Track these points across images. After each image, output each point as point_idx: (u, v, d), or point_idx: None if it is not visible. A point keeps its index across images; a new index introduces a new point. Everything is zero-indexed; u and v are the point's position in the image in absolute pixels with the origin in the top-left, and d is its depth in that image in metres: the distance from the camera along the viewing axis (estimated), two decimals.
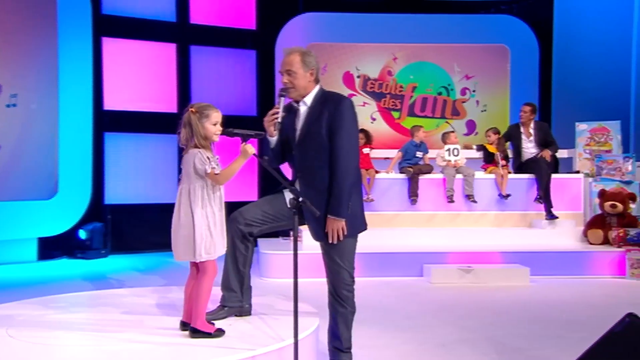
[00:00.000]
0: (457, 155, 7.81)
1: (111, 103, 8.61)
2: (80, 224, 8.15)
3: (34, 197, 7.74)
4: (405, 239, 7.30)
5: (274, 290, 5.84)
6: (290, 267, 2.91)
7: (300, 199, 2.74)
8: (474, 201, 7.62)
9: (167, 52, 9.02)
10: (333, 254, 3.17)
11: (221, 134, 2.99)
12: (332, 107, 3.12)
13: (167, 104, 8.86)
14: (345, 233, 3.12)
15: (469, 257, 6.82)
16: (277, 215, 3.27)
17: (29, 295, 5.26)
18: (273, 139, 3.22)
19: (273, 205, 3.28)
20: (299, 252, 5.97)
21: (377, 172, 7.76)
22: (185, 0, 9.11)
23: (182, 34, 9.12)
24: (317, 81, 3.22)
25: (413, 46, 10.12)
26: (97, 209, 8.46)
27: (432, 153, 8.11)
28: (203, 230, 2.87)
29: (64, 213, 8.00)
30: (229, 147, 3.65)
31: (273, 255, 6.66)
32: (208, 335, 2.87)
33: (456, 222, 7.71)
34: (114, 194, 8.65)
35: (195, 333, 2.86)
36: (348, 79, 10.02)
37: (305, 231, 7.35)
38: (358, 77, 10.04)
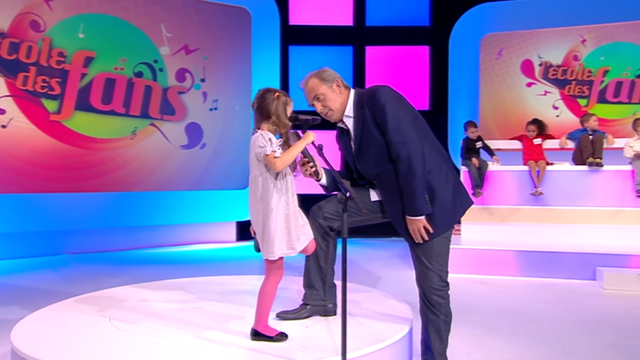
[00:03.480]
0: None
1: (296, 105, 8.65)
2: None
3: (232, 186, 8.11)
4: (579, 237, 5.92)
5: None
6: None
7: (348, 194, 2.12)
8: None
9: (344, 54, 8.77)
10: (420, 253, 2.52)
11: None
12: (370, 103, 2.52)
13: None
14: (431, 231, 2.44)
15: None
16: (359, 209, 2.66)
17: (225, 272, 5.44)
18: (323, 180, 2.68)
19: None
20: (459, 246, 5.17)
21: (549, 163, 6.45)
22: (362, 6, 8.76)
23: (358, 36, 8.77)
24: (347, 87, 2.65)
25: (605, 26, 8.25)
26: None
27: (620, 142, 6.51)
28: (271, 225, 2.39)
29: None
30: None
31: None
32: (269, 339, 2.40)
33: None
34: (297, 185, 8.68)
35: (256, 336, 2.42)
36: (527, 67, 8.58)
37: (463, 225, 6.45)
38: (539, 64, 8.54)
